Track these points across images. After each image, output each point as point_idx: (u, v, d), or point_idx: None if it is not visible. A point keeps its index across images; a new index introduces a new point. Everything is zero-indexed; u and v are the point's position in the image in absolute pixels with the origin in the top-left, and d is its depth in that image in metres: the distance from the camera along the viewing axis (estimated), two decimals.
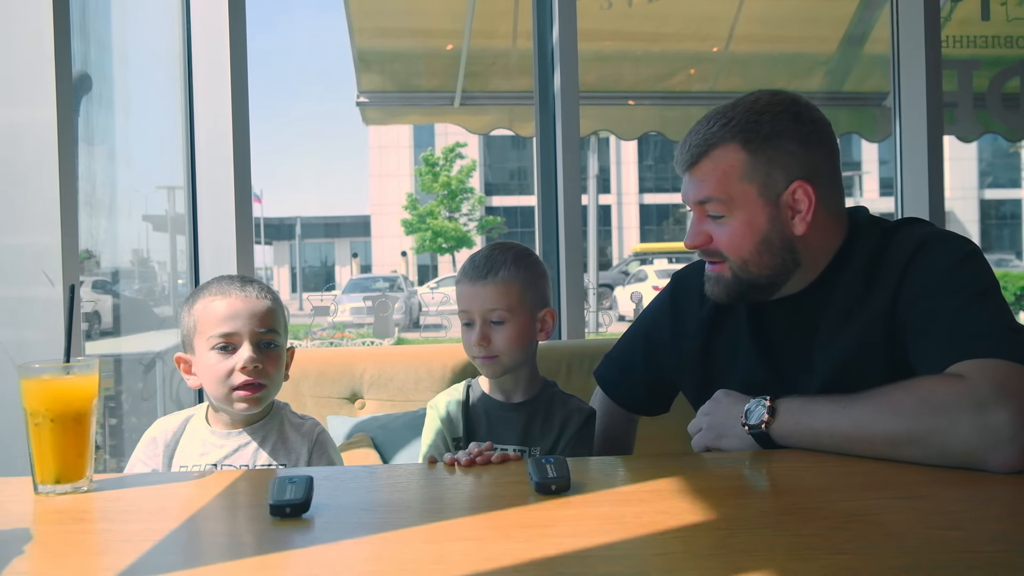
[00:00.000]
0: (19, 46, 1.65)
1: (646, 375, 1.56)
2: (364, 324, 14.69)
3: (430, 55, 4.53)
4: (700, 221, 1.35)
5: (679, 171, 1.37)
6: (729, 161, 1.30)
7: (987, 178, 32.69)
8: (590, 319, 15.59)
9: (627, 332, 1.63)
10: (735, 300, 1.36)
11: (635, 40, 4.40)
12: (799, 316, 1.35)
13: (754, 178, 1.29)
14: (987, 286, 1.22)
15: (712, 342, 1.45)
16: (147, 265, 3.10)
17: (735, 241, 1.31)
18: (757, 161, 1.29)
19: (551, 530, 0.90)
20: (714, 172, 1.31)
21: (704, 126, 1.34)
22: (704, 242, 1.34)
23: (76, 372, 1.10)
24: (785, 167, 1.29)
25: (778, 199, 1.29)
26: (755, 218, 1.30)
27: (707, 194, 1.31)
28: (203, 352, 1.43)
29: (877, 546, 0.82)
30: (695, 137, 1.34)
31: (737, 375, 1.39)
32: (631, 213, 35.53)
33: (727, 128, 1.31)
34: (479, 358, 1.48)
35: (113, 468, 2.39)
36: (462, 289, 1.51)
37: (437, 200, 27.73)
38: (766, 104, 1.32)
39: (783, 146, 1.29)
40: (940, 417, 1.08)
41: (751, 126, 1.30)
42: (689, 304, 1.49)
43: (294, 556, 0.85)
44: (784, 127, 1.30)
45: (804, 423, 1.20)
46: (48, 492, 1.07)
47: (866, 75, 4.40)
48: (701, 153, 1.32)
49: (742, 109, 1.32)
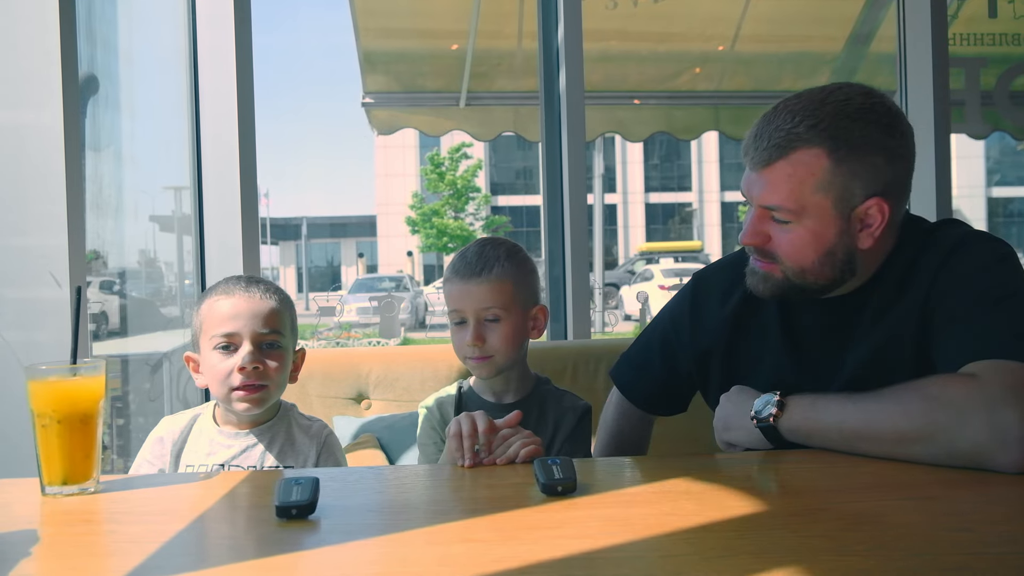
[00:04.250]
0: (25, 48, 1.65)
1: (662, 375, 1.53)
2: (370, 324, 14.70)
3: (435, 55, 4.53)
4: (761, 221, 1.26)
5: (749, 166, 1.27)
6: (810, 168, 1.20)
7: (994, 176, 32.56)
8: (596, 319, 15.58)
9: (644, 332, 1.60)
10: (777, 297, 1.31)
11: (641, 40, 4.39)
12: (835, 318, 1.32)
13: (832, 190, 1.21)
14: (1015, 290, 1.18)
15: (736, 343, 1.41)
16: (154, 265, 3.11)
17: (797, 250, 1.24)
18: (839, 171, 1.20)
19: (557, 532, 0.89)
20: (791, 178, 1.21)
21: (788, 122, 1.21)
22: (762, 242, 1.27)
23: (83, 373, 1.10)
24: (866, 182, 1.21)
25: (851, 213, 1.22)
26: (824, 230, 1.23)
27: (778, 202, 1.23)
28: (207, 351, 1.43)
29: (886, 547, 0.82)
30: (777, 134, 1.22)
31: (763, 376, 1.35)
32: (637, 212, 35.50)
33: (815, 131, 1.20)
34: (472, 359, 1.45)
35: (120, 468, 2.39)
36: (453, 287, 1.47)
37: (443, 200, 27.75)
38: (859, 108, 1.21)
39: (869, 159, 1.20)
40: (949, 415, 1.07)
41: (841, 132, 1.20)
42: (710, 305, 1.45)
43: (300, 558, 0.85)
44: (875, 139, 1.21)
45: (812, 418, 1.19)
46: (55, 493, 1.07)
47: (873, 73, 4.38)
48: (781, 154, 1.21)
49: (832, 111, 1.21)
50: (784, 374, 1.33)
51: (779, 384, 1.28)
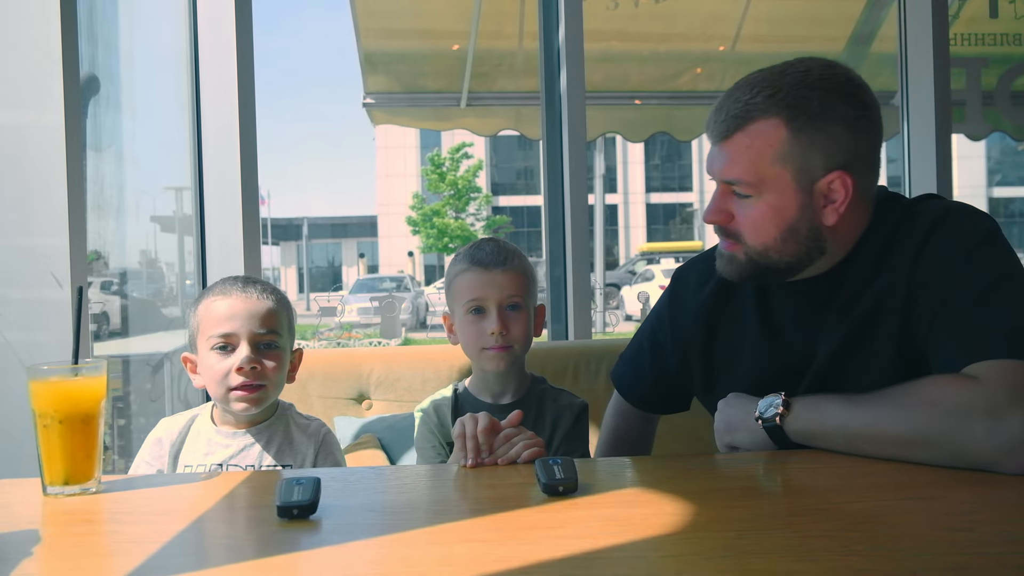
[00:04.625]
0: (27, 49, 1.65)
1: (654, 373, 1.52)
2: (371, 324, 14.71)
3: (436, 56, 4.53)
4: (724, 197, 1.25)
5: (710, 139, 1.26)
6: (768, 138, 1.19)
7: (995, 176, 32.55)
8: (597, 319, 15.59)
9: (636, 332, 1.61)
10: (746, 280, 1.30)
11: (642, 40, 4.39)
12: (809, 302, 1.29)
13: (791, 161, 1.19)
14: (1005, 272, 1.15)
15: (714, 332, 1.39)
16: (155, 266, 3.11)
17: (758, 225, 1.22)
18: (798, 142, 1.18)
19: (559, 532, 0.89)
20: (749, 149, 1.20)
21: (746, 93, 1.21)
22: (724, 220, 1.25)
23: (84, 373, 1.10)
24: (826, 153, 1.18)
25: (812, 186, 1.20)
26: (785, 204, 1.20)
27: (737, 175, 1.21)
28: (204, 352, 1.44)
29: (887, 547, 0.82)
30: (735, 105, 1.21)
31: (743, 366, 1.34)
32: (638, 212, 35.51)
33: (772, 100, 1.18)
34: (492, 349, 1.44)
35: (122, 469, 2.39)
36: (474, 277, 1.46)
37: (443, 200, 27.77)
38: (818, 79, 1.19)
39: (829, 129, 1.18)
40: (953, 421, 1.06)
41: (800, 102, 1.18)
42: (687, 297, 1.44)
43: (301, 558, 0.85)
44: (834, 108, 1.18)
45: (816, 420, 1.18)
46: (57, 493, 1.08)
47: (874, 74, 4.38)
48: (738, 125, 1.20)
49: (791, 80, 1.19)
50: (763, 363, 1.31)
51: (759, 374, 1.28)
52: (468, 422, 1.22)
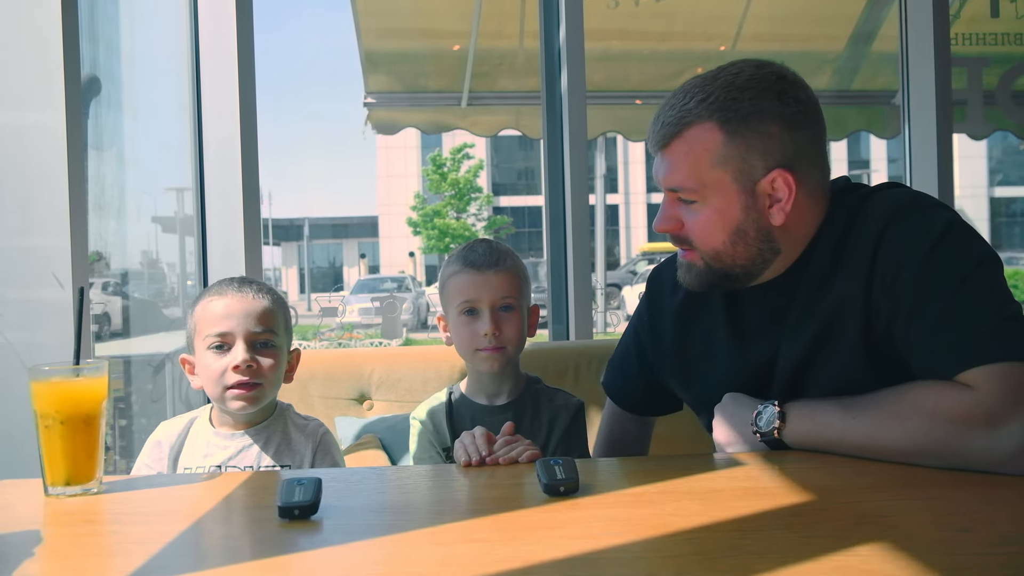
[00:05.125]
0: (28, 50, 1.65)
1: (640, 376, 1.51)
2: (372, 325, 14.70)
3: (437, 55, 4.53)
4: (671, 205, 1.26)
5: (650, 149, 1.27)
6: (704, 143, 1.19)
7: (997, 176, 32.50)
8: (598, 319, 15.57)
9: (621, 337, 1.58)
10: (708, 289, 1.29)
11: (642, 39, 4.38)
12: (771, 304, 1.28)
13: (729, 163, 1.19)
14: (973, 262, 1.12)
15: (687, 336, 1.38)
16: (156, 266, 3.12)
17: (706, 230, 1.22)
18: (734, 144, 1.18)
19: (560, 532, 0.89)
20: (687, 156, 1.20)
21: (680, 100, 1.21)
22: (674, 228, 1.26)
23: (86, 374, 1.10)
24: (763, 152, 1.18)
25: (755, 187, 1.19)
26: (728, 207, 1.20)
27: (679, 182, 1.22)
28: (201, 352, 1.44)
29: (889, 547, 0.82)
30: (669, 113, 1.22)
31: (715, 369, 1.34)
32: (639, 212, 35.46)
33: (705, 104, 1.19)
34: (485, 350, 1.45)
35: (123, 469, 2.40)
36: (466, 278, 1.46)
37: (444, 200, 27.75)
38: (748, 79, 1.20)
39: (763, 128, 1.18)
40: (952, 433, 1.06)
41: (731, 104, 1.18)
42: (663, 300, 1.43)
43: (303, 558, 0.85)
44: (766, 108, 1.18)
45: (813, 432, 1.17)
46: (58, 494, 1.08)
47: (875, 73, 4.38)
48: (674, 133, 1.21)
49: (722, 83, 1.20)
50: (734, 366, 1.31)
51: (728, 379, 1.28)
52: (466, 438, 1.24)
